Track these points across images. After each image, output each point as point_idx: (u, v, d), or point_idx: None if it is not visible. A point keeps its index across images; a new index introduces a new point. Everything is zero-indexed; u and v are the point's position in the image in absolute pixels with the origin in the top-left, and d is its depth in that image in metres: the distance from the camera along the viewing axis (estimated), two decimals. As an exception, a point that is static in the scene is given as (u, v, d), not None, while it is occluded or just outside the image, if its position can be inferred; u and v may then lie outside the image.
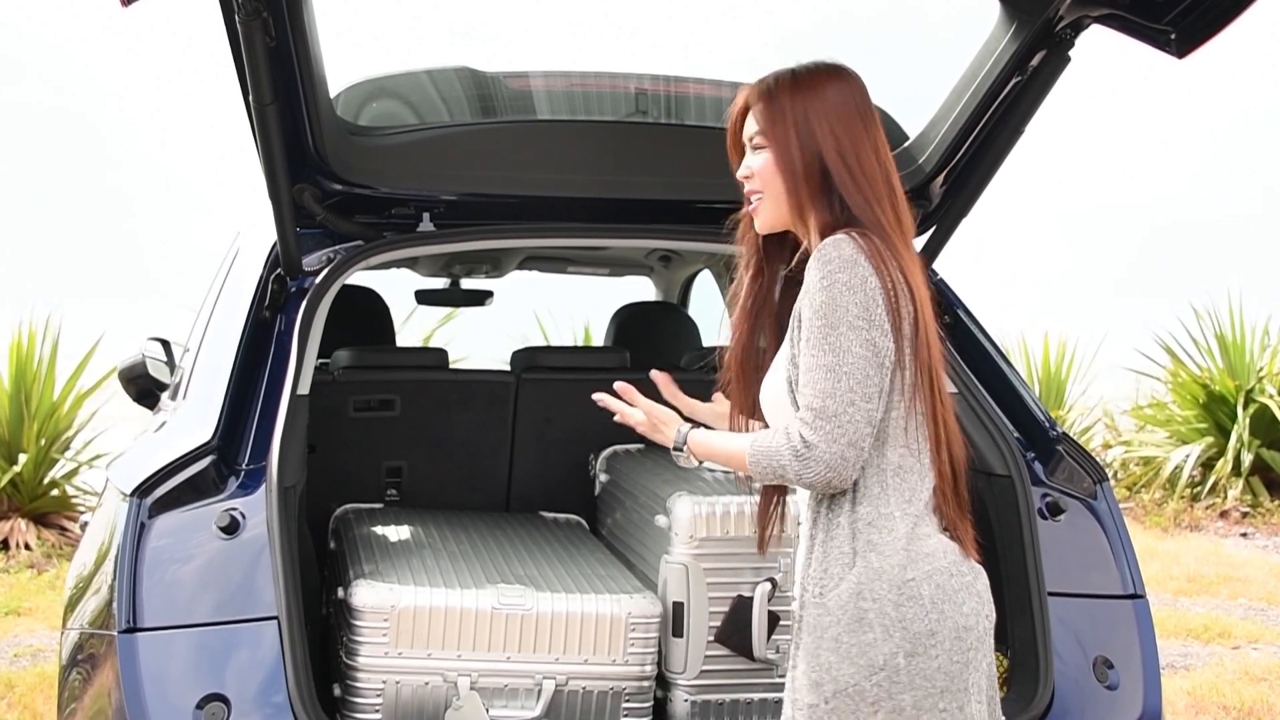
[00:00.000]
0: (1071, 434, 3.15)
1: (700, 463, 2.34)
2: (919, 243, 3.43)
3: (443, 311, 9.55)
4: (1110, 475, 6.39)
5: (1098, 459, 3.12)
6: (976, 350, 3.32)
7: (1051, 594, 2.82)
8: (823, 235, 2.17)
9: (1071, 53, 2.88)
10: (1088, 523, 3.00)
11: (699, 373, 2.61)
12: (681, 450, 2.32)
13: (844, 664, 2.10)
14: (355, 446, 3.63)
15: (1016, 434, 3.08)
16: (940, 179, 3.27)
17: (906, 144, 3.31)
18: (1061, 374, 10.81)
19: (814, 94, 2.20)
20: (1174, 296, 10.76)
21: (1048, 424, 3.12)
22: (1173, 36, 2.74)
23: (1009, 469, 2.96)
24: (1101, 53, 3.02)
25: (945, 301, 3.41)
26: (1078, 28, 2.82)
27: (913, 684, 2.10)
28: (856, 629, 2.11)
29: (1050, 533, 2.91)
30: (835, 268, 2.10)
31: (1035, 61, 2.90)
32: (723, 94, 3.35)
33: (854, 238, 2.12)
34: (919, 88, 3.28)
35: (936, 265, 3.44)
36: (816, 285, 2.11)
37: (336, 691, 2.77)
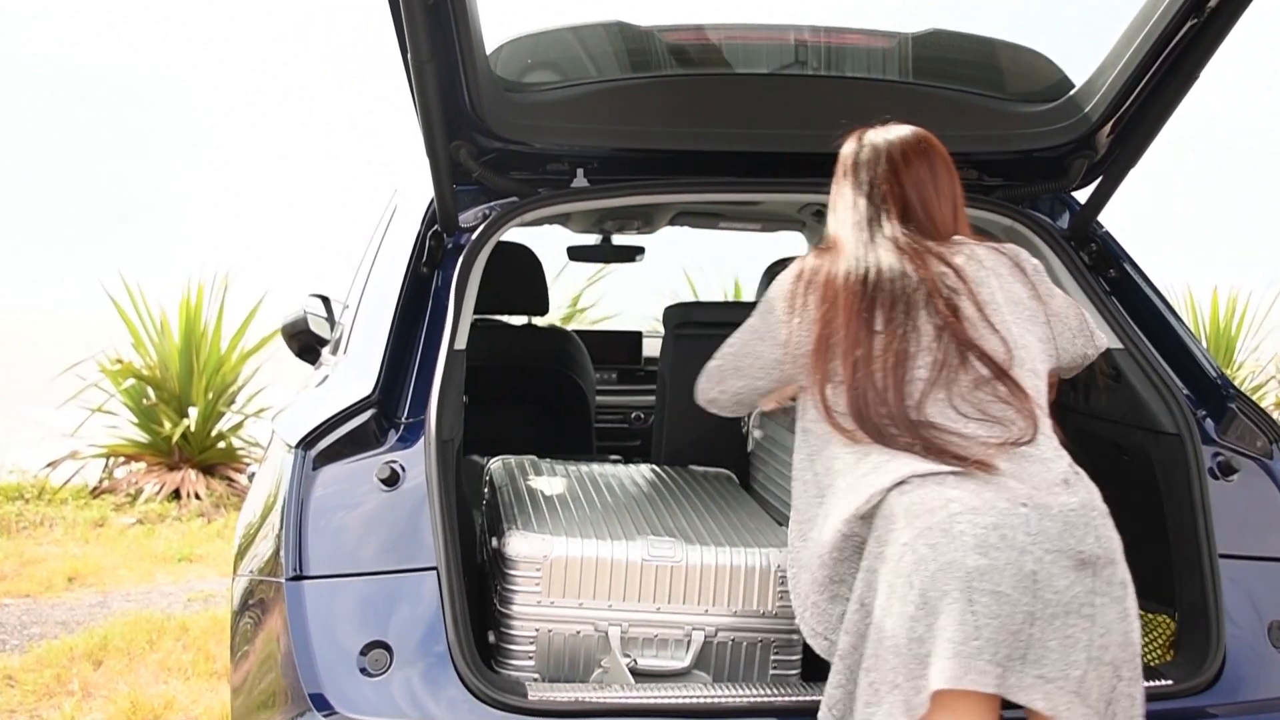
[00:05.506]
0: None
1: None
2: (1084, 194, 3.33)
3: (593, 267, 9.62)
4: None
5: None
6: (1143, 305, 3.21)
7: (1223, 556, 2.72)
8: None
9: (1253, -7, 2.74)
10: (1263, 483, 2.88)
11: None
12: None
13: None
14: None
15: (1186, 391, 2.98)
16: (1108, 128, 3.16)
17: (1072, 92, 3.21)
18: (1231, 330, 10.41)
19: None
20: (1355, 247, 10.27)
21: (1220, 381, 3.00)
22: None
23: (1177, 426, 2.86)
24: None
25: (1110, 255, 3.31)
26: (1261, -35, 2.68)
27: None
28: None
29: (1222, 493, 2.81)
30: None
31: (1213, 2, 2.77)
32: (880, 44, 3.28)
33: None
34: (1086, 33, 3.15)
35: (1101, 218, 3.33)
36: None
37: (491, 638, 2.82)
